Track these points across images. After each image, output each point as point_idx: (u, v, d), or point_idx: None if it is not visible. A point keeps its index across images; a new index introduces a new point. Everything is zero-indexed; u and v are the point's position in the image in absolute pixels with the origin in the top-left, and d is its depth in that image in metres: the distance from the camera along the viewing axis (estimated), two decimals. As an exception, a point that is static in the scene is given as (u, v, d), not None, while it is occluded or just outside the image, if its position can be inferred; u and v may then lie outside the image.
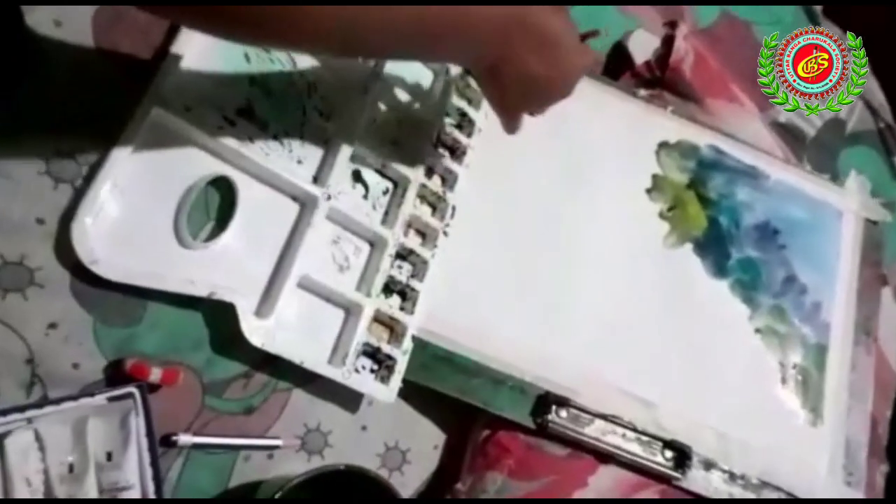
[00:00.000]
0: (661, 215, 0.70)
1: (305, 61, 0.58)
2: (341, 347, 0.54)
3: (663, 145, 0.73)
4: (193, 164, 0.51)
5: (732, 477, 0.61)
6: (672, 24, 0.77)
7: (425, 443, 0.58)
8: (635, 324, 0.64)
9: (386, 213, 0.59)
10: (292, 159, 0.55)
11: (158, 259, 0.48)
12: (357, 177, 0.58)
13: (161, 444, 0.47)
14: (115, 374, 0.46)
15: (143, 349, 0.48)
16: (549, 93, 0.52)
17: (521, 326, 0.61)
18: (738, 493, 0.61)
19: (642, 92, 0.75)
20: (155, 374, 0.46)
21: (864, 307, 0.72)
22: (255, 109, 0.55)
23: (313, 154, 0.56)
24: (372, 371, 0.55)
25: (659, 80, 0.77)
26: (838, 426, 0.66)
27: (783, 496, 0.62)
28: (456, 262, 0.60)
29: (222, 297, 0.49)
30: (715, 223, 0.71)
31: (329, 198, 0.55)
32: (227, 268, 0.50)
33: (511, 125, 0.56)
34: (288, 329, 0.52)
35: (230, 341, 0.50)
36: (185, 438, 0.48)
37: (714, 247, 0.70)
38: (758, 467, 0.62)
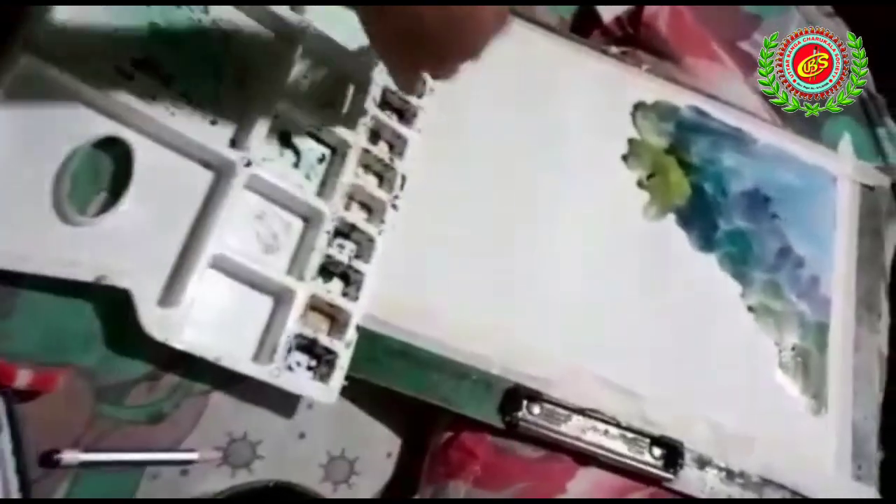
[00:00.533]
0: (640, 184, 0.62)
1: (220, 7, 0.49)
2: (269, 341, 0.45)
3: (639, 106, 0.66)
4: (77, 123, 0.42)
5: (730, 475, 0.54)
6: (645, -23, 0.70)
7: (377, 450, 0.50)
8: (614, 305, 0.57)
9: (322, 184, 0.51)
10: (204, 119, 0.47)
11: (32, 237, 0.40)
12: (286, 141, 0.50)
13: (41, 463, 0.39)
14: (-26, 381, 0.37)
15: (16, 348, 0.39)
16: (445, 46, 0.40)
17: (484, 312, 0.53)
18: (736, 493, 0.54)
19: (614, 49, 0.68)
20: (23, 378, 0.37)
21: (864, 280, 0.65)
22: (158, 61, 0.46)
23: (230, 113, 0.48)
24: (309, 368, 0.47)
25: (632, 38, 0.71)
26: (844, 413, 0.59)
27: (787, 495, 0.54)
28: (407, 239, 0.52)
29: (114, 282, 0.40)
30: (699, 191, 0.64)
31: (249, 164, 0.46)
32: (120, 247, 0.42)
33: (404, 82, 0.48)
34: (201, 320, 0.43)
35: (130, 336, 0.41)
36: (70, 456, 0.39)
37: (699, 217, 0.63)
38: (757, 463, 0.55)
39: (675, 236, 0.61)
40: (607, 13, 0.71)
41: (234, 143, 0.47)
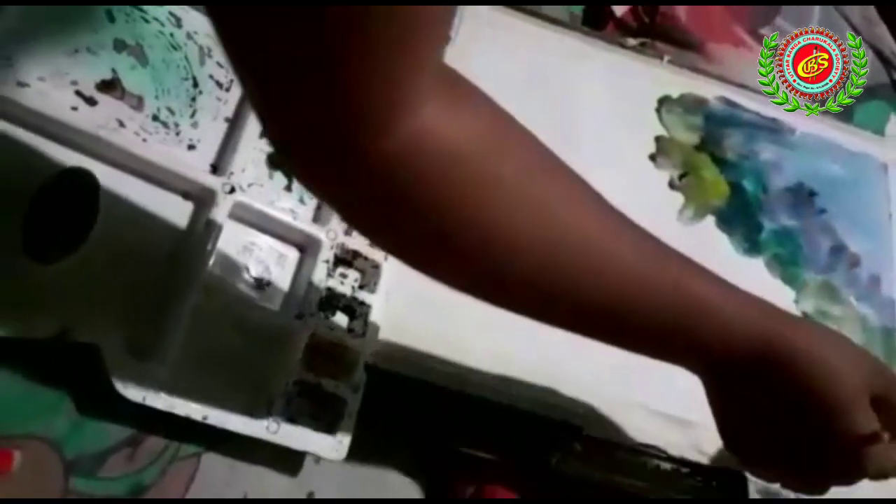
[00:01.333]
0: (672, 185, 0.57)
1: (194, 19, 0.45)
2: (264, 390, 0.40)
3: (664, 101, 0.60)
4: (32, 156, 0.37)
5: (802, 508, 0.47)
6: (658, -36, 0.65)
7: (396, 505, 0.44)
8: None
9: (318, 208, 0.46)
10: (180, 144, 0.42)
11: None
12: (275, 162, 0.45)
13: (4, 555, 0.33)
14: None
15: (-38, 423, 0.34)
16: (787, 462, 0.37)
17: (509, 338, 0.47)
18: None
19: (631, 41, 0.63)
20: (-30, 459, 0.31)
21: (930, 276, 0.59)
22: (124, 82, 0.41)
23: (210, 135, 0.43)
24: (313, 417, 0.41)
25: (649, 28, 0.65)
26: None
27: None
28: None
29: (79, 338, 0.35)
30: (738, 189, 0.59)
31: (233, 190, 0.41)
32: (86, 296, 0.36)
33: (755, 472, 0.42)
34: (185, 371, 0.38)
35: (103, 397, 0.36)
36: (36, 544, 0.33)
37: (741, 218, 0.57)
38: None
39: (717, 240, 0.56)
40: (619, 7, 0.66)
41: (214, 169, 0.42)
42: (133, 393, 0.35)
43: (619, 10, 0.67)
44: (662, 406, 0.48)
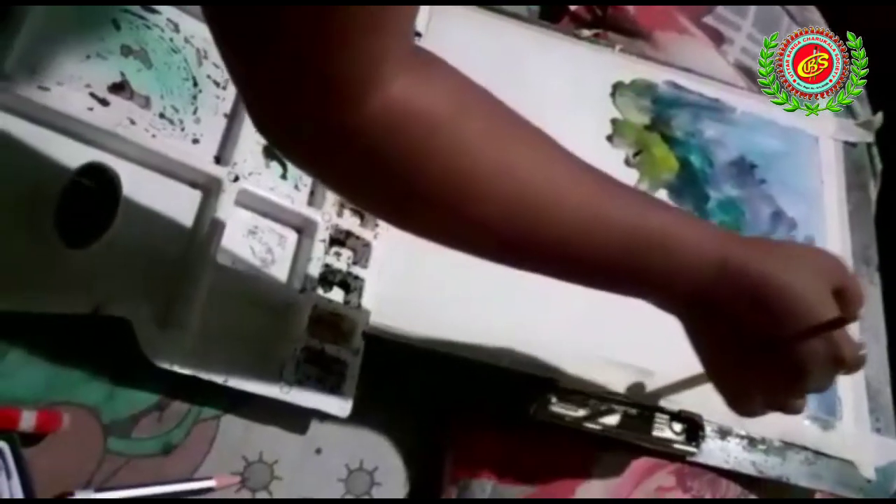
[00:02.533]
0: (628, 162, 0.62)
1: (190, 24, 0.48)
2: (276, 356, 0.44)
3: (618, 86, 0.65)
4: (57, 153, 0.41)
5: (752, 442, 0.53)
6: (607, -41, 0.70)
7: (395, 457, 0.49)
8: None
9: (312, 193, 0.50)
10: (185, 138, 0.46)
11: (19, 273, 0.38)
12: (271, 153, 0.49)
13: (54, 508, 0.37)
14: (-24, 428, 0.36)
15: (14, 392, 0.38)
16: (774, 373, 0.38)
17: (486, 303, 0.52)
18: (760, 459, 0.53)
19: (586, 32, 0.68)
20: (27, 421, 0.36)
21: (858, 235, 0.65)
22: (132, 84, 0.45)
23: (212, 130, 0.47)
24: (319, 380, 0.46)
25: (601, 20, 0.70)
26: (856, 368, 0.59)
27: (810, 456, 0.54)
28: (403, 239, 0.50)
29: (111, 312, 0.39)
30: (687, 164, 0.64)
31: (236, 179, 0.45)
32: (114, 275, 0.40)
33: (736, 406, 0.41)
34: (205, 341, 0.42)
35: (133, 366, 0.40)
36: (83, 495, 0.37)
37: (690, 189, 0.63)
38: (777, 427, 0.54)
39: (669, 211, 0.61)
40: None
41: (218, 160, 0.46)
42: (162, 360, 0.40)
43: (574, 4, 0.71)
44: (627, 358, 0.54)
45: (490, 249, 0.37)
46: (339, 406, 0.45)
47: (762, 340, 0.37)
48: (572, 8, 0.71)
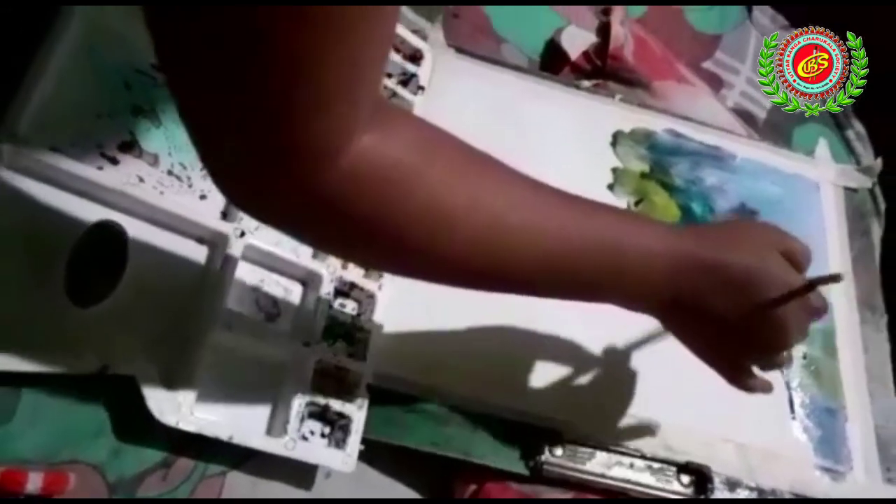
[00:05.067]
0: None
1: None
2: (280, 411, 0.44)
3: (618, 135, 0.66)
4: (67, 212, 0.42)
5: (762, 494, 0.53)
6: (606, 11, 0.72)
7: (401, 511, 0.49)
8: (619, 334, 0.56)
9: (317, 246, 0.50)
10: (193, 194, 0.46)
11: (28, 332, 0.38)
12: (276, 208, 0.49)
13: (59, 570, 0.37)
14: (-18, 490, 0.36)
15: (20, 452, 0.38)
16: (760, 340, 0.41)
17: (491, 354, 0.52)
18: (771, 511, 0.52)
19: (585, 83, 0.69)
20: (34, 483, 0.36)
21: (862, 281, 0.65)
22: (142, 142, 0.46)
23: (219, 186, 0.47)
24: (323, 435, 0.46)
25: (600, 71, 0.71)
26: (865, 417, 0.58)
27: (822, 507, 0.53)
28: (408, 290, 0.51)
29: (118, 371, 0.39)
30: (688, 212, 0.64)
31: (242, 234, 0.46)
32: (121, 333, 0.41)
33: (737, 381, 0.44)
34: (210, 397, 0.42)
35: (138, 424, 0.40)
36: (88, 559, 0.37)
37: (692, 237, 0.63)
38: (787, 479, 0.54)
39: (671, 259, 0.61)
40: (573, 50, 0.72)
41: (224, 216, 0.47)
42: (168, 418, 0.40)
43: (574, 55, 0.73)
44: (633, 410, 0.53)
45: (466, 279, 0.38)
46: (343, 461, 0.45)
47: (737, 315, 0.40)
48: (572, 59, 0.72)
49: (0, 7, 0.43)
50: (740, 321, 0.40)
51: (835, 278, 0.45)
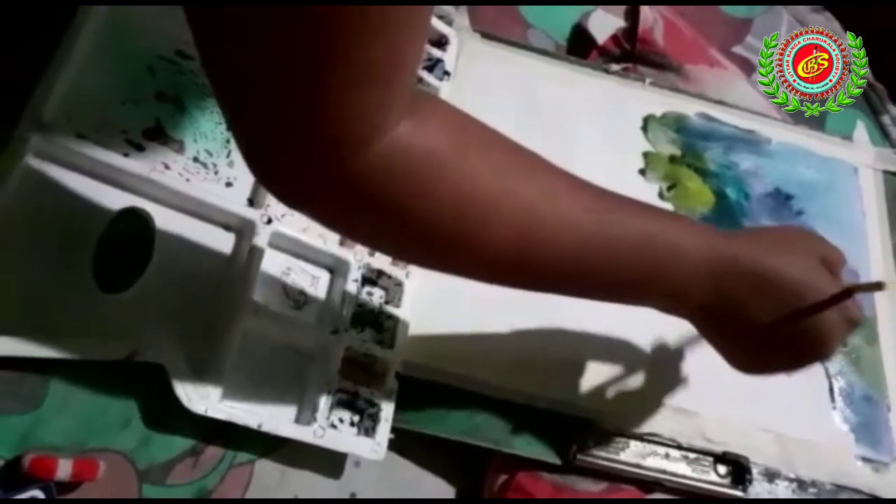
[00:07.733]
0: (662, 196, 0.61)
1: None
2: (309, 400, 0.44)
3: (649, 119, 0.65)
4: (94, 199, 0.41)
5: (802, 485, 0.51)
6: (635, -6, 0.70)
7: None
8: (653, 322, 0.54)
9: (344, 233, 0.49)
10: (219, 182, 0.46)
11: (57, 320, 0.38)
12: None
13: (90, 557, 0.36)
14: (13, 477, 0.36)
15: (50, 439, 0.38)
16: (793, 347, 0.40)
17: (522, 343, 0.51)
18: (810, 503, 0.51)
19: (615, 67, 0.67)
20: (63, 470, 0.35)
21: (904, 267, 0.63)
22: (167, 129, 0.45)
23: (245, 173, 0.45)
24: (352, 424, 0.45)
25: (629, 55, 0.70)
26: (907, 406, 0.56)
27: (864, 499, 0.52)
28: (436, 278, 0.50)
29: (146, 359, 0.39)
30: (723, 197, 0.63)
31: (269, 221, 0.45)
32: (149, 320, 0.40)
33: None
34: (239, 385, 0.42)
35: (168, 412, 0.40)
36: (118, 545, 0.37)
37: (726, 222, 0.62)
38: (828, 469, 0.52)
39: (705, 245, 0.60)
40: (601, 34, 0.71)
41: (251, 202, 0.46)
42: (196, 405, 0.39)
43: (601, 39, 0.72)
44: (669, 399, 0.52)
45: (502, 274, 0.37)
46: (373, 449, 0.44)
47: (774, 323, 0.39)
48: (600, 43, 0.71)
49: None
50: (781, 329, 0.39)
51: (877, 286, 0.44)
